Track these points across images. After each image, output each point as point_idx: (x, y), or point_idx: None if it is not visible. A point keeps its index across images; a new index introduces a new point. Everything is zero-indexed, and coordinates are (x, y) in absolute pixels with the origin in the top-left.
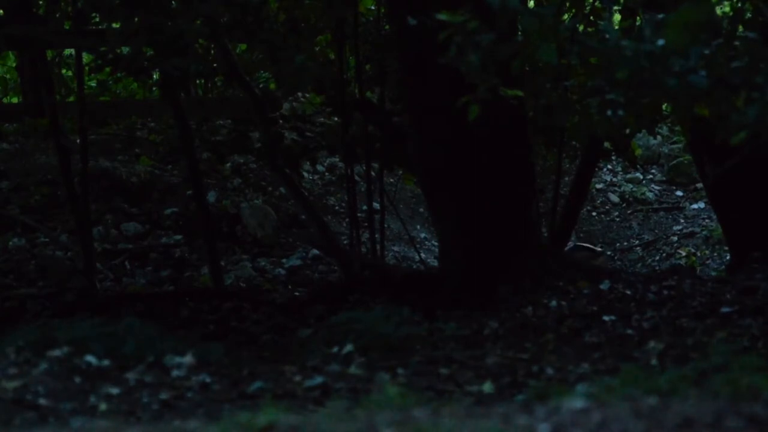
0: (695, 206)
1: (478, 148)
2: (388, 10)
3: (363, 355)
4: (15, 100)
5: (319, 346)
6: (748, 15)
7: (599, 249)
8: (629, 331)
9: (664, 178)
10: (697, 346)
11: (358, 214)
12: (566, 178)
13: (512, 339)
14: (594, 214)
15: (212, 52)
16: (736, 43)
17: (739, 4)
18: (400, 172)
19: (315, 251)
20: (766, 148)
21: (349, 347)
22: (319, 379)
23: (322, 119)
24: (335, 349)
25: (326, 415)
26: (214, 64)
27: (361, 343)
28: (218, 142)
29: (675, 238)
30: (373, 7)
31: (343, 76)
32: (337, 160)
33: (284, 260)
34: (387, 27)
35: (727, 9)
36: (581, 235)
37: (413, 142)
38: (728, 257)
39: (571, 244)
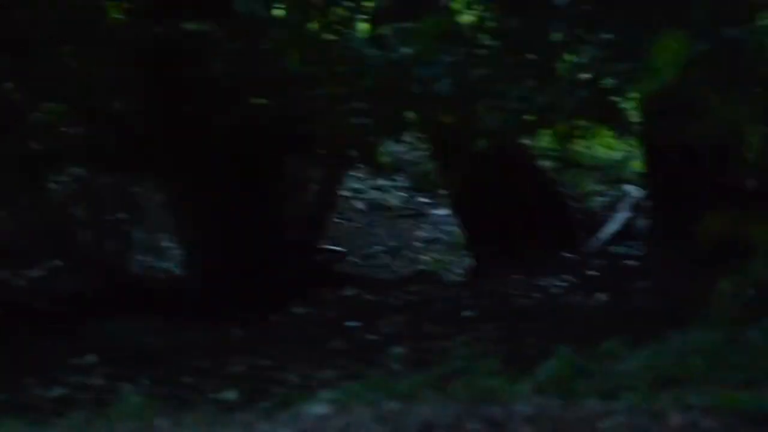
0: (439, 212)
1: (224, 161)
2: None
3: (106, 365)
4: None
5: (62, 357)
6: (492, 24)
7: (340, 249)
8: (373, 337)
9: (408, 185)
10: (439, 351)
11: (105, 224)
12: (314, 186)
13: (256, 346)
14: (340, 221)
15: None
16: (480, 51)
17: (484, 13)
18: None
19: (59, 262)
20: (506, 154)
21: (91, 358)
22: (60, 391)
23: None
24: (78, 360)
25: (66, 427)
26: None
27: (104, 354)
28: None
29: (420, 244)
30: None
31: None
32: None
33: (28, 271)
34: None
35: (471, 18)
36: (328, 242)
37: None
38: (470, 262)
39: None
